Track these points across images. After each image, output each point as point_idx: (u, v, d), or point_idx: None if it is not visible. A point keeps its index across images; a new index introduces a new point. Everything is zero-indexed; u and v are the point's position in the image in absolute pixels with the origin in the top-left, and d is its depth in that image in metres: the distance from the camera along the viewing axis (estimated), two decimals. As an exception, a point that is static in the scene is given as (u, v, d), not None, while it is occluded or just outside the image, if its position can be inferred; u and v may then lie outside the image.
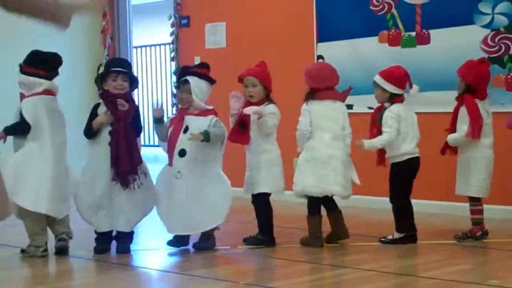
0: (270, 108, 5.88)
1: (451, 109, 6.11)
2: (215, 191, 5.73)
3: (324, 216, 5.91)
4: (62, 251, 5.67)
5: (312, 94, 5.88)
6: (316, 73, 5.93)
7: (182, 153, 5.69)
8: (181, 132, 5.72)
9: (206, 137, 5.60)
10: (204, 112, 5.76)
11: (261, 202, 5.92)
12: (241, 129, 5.86)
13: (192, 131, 5.65)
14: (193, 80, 5.73)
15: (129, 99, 5.83)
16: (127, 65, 5.98)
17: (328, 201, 5.88)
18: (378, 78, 5.95)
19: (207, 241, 5.81)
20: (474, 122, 5.88)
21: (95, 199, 5.71)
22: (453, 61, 6.23)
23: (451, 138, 5.99)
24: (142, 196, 5.75)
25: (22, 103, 5.72)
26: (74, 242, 5.92)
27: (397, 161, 5.92)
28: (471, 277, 4.92)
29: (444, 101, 6.07)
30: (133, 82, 5.89)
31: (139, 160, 5.74)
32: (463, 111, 5.94)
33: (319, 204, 5.89)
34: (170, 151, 5.76)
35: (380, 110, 5.95)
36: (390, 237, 5.94)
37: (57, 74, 5.85)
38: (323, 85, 5.88)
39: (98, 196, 5.71)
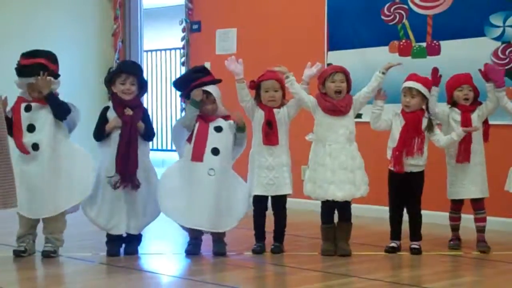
0: None
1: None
2: (235, 194, 5.82)
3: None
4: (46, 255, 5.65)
5: None
6: None
7: (216, 151, 5.73)
8: (212, 130, 5.75)
9: (244, 126, 5.82)
10: (224, 117, 5.87)
11: (284, 204, 5.96)
12: (270, 130, 5.86)
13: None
14: (213, 90, 5.79)
15: (137, 104, 5.81)
16: (137, 68, 5.94)
17: (342, 211, 5.88)
18: (420, 86, 5.88)
19: (224, 245, 5.82)
20: None
21: (107, 201, 5.71)
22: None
23: None
24: (151, 199, 5.78)
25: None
26: (80, 244, 5.94)
27: (423, 169, 5.94)
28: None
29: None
30: (142, 87, 5.87)
31: (135, 166, 5.67)
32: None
33: (331, 213, 5.90)
34: (198, 147, 5.73)
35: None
36: (416, 246, 5.92)
37: None
38: None
39: (109, 199, 5.71)
